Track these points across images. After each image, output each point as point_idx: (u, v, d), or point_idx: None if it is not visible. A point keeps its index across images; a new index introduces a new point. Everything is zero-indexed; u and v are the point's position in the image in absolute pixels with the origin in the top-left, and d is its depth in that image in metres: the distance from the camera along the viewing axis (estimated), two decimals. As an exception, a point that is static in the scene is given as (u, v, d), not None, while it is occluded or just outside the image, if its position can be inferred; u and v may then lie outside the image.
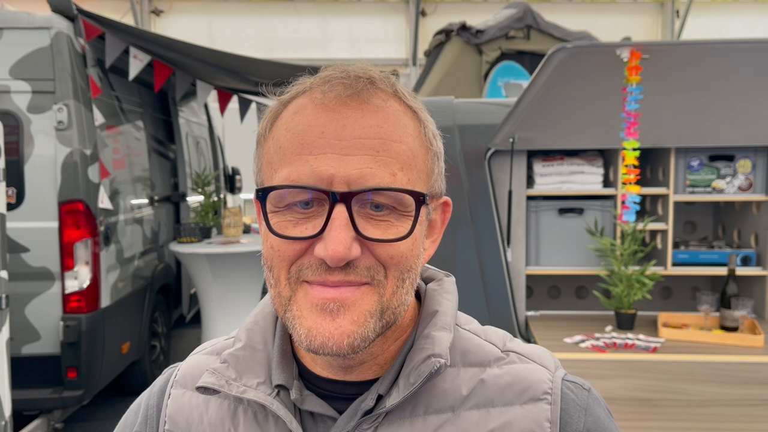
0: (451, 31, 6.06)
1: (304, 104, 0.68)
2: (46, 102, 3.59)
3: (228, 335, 0.85)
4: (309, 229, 0.65)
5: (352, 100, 0.66)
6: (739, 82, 2.31)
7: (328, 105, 0.66)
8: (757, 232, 2.93)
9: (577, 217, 2.98)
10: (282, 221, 0.66)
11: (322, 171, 0.64)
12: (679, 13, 12.08)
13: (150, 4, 11.92)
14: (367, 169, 0.64)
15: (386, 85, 0.69)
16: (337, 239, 0.62)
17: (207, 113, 7.14)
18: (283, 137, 0.67)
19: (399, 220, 0.66)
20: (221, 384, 0.72)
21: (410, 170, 0.67)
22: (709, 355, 2.41)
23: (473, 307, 2.74)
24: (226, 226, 5.42)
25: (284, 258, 0.66)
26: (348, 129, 0.65)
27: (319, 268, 0.65)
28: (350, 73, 0.68)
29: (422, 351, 0.70)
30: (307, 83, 0.70)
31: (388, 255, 0.65)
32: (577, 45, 1.99)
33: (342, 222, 0.63)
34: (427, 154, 0.70)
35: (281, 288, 0.67)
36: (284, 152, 0.66)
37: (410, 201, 0.66)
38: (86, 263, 3.66)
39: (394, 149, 0.65)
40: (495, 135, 2.72)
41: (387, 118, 0.66)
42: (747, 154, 2.87)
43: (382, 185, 0.64)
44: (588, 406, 0.73)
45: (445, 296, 0.77)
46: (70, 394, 3.64)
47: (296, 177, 0.64)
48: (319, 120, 0.65)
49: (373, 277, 0.65)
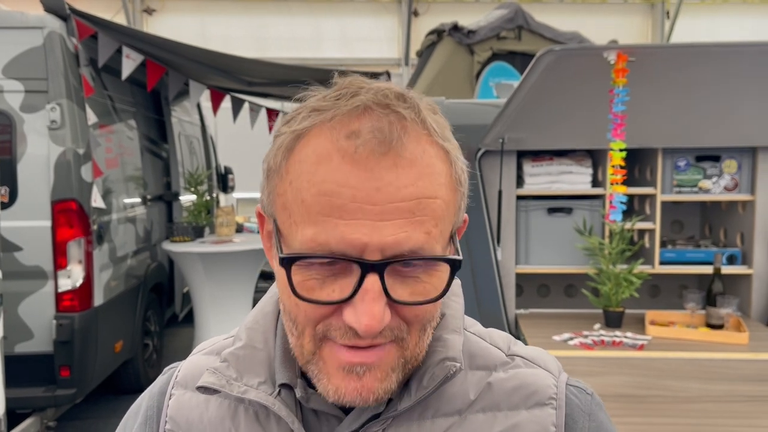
0: (443, 31, 6.09)
1: (327, 152, 0.61)
2: (39, 101, 3.60)
3: (227, 334, 0.84)
4: (336, 292, 0.61)
5: (385, 157, 0.59)
6: (724, 84, 2.35)
7: (358, 162, 0.59)
8: (743, 231, 2.98)
9: (566, 217, 3.02)
10: (306, 280, 0.62)
11: (355, 239, 0.59)
12: (669, 14, 12.17)
13: (142, 3, 11.90)
14: (402, 234, 0.59)
15: (417, 124, 0.62)
16: (371, 313, 0.59)
17: (200, 113, 7.14)
18: (306, 191, 0.61)
19: (427, 274, 0.63)
20: (222, 384, 0.71)
21: (443, 222, 0.63)
22: (695, 352, 2.45)
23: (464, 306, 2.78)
24: (219, 225, 5.44)
25: (311, 319, 0.63)
26: (382, 192, 0.59)
27: (347, 333, 0.62)
28: (379, 111, 0.61)
29: (435, 354, 0.69)
30: (326, 111, 0.63)
31: (413, 314, 0.63)
32: (564, 48, 2.03)
33: (375, 293, 0.59)
34: (456, 195, 0.66)
35: (304, 342, 0.65)
36: (308, 210, 0.60)
37: (444, 263, 0.63)
38: (79, 262, 3.67)
39: (430, 207, 0.61)
40: (485, 135, 2.76)
41: (422, 174, 0.61)
42: (732, 154, 2.92)
43: (417, 247, 0.60)
44: (591, 411, 0.74)
45: (453, 299, 0.76)
46: (63, 392, 3.65)
47: (324, 241, 0.59)
48: (350, 180, 0.59)
49: (396, 336, 0.64)
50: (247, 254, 5.02)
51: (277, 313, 0.78)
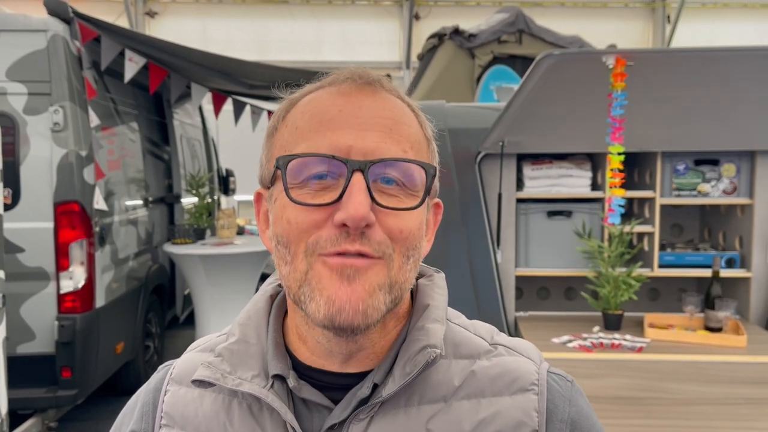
0: (444, 35, 6.12)
1: (319, 94, 0.73)
2: (42, 104, 3.62)
3: (220, 332, 0.86)
4: (327, 198, 0.67)
5: (365, 87, 0.72)
6: (723, 88, 2.37)
7: (343, 91, 0.72)
8: (742, 234, 2.99)
9: (566, 220, 3.03)
10: (300, 194, 0.69)
11: (341, 143, 0.68)
12: (669, 18, 12.19)
13: (144, 6, 11.94)
14: (383, 144, 0.68)
15: (391, 87, 0.75)
16: (357, 200, 0.65)
17: (201, 115, 7.16)
18: (300, 119, 0.72)
19: (407, 197, 0.69)
20: (216, 377, 0.73)
21: (418, 152, 0.72)
22: (693, 354, 2.47)
23: (463, 308, 2.78)
24: (220, 227, 5.45)
25: (302, 229, 0.68)
26: (363, 109, 0.70)
27: (338, 238, 0.67)
28: (361, 71, 0.74)
29: (417, 342, 0.72)
30: (319, 83, 0.75)
31: (398, 228, 0.68)
32: (563, 52, 2.05)
33: (361, 187, 0.66)
34: (428, 146, 0.75)
35: (298, 263, 0.69)
36: (301, 131, 0.71)
37: (420, 176, 0.70)
38: (81, 263, 3.69)
39: (405, 130, 0.71)
40: (485, 139, 2.77)
41: (396, 106, 0.73)
42: (731, 158, 2.94)
43: (399, 158, 0.69)
44: (572, 397, 0.76)
45: (436, 291, 0.79)
46: (65, 393, 3.66)
47: (315, 149, 0.68)
48: (336, 102, 0.71)
49: (383, 252, 0.68)
50: (248, 256, 5.04)
51: (269, 309, 0.81)
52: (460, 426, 0.72)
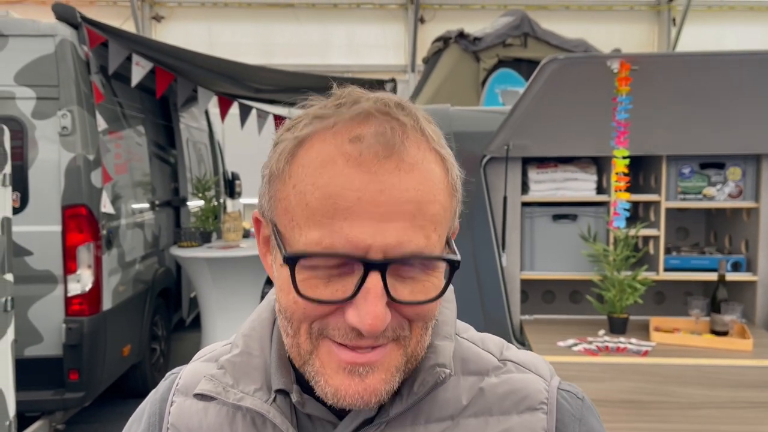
0: (449, 38, 6.13)
1: (331, 157, 0.62)
2: (51, 108, 3.64)
3: (226, 341, 0.85)
4: (340, 291, 0.62)
5: (388, 161, 0.61)
6: (728, 92, 2.37)
7: (363, 165, 0.61)
8: (748, 238, 2.99)
9: (571, 223, 3.04)
10: (309, 278, 0.63)
11: (359, 240, 0.60)
12: (675, 21, 12.16)
13: (151, 11, 11.99)
14: (404, 236, 0.61)
15: (417, 132, 0.65)
16: (374, 313, 0.60)
17: (207, 119, 7.19)
18: (310, 194, 0.62)
19: (425, 275, 0.65)
20: (218, 391, 0.72)
21: (441, 227, 0.66)
22: (699, 358, 2.47)
23: (469, 312, 2.80)
24: (226, 230, 5.47)
25: (308, 316, 0.64)
26: (385, 195, 0.61)
27: (348, 334, 0.63)
28: (380, 118, 0.63)
29: (426, 360, 0.70)
30: (328, 118, 0.64)
31: (414, 312, 0.65)
32: (568, 56, 2.06)
33: (378, 292, 0.61)
34: (452, 200, 0.69)
35: (300, 341, 0.66)
36: (313, 213, 0.62)
37: (443, 265, 0.66)
38: (88, 267, 3.71)
39: (430, 211, 0.63)
40: (490, 142, 2.78)
41: (423, 178, 0.63)
42: (737, 161, 2.93)
43: (418, 251, 0.62)
44: (582, 416, 0.75)
45: (445, 305, 0.77)
46: (72, 395, 3.68)
47: (329, 244, 0.61)
48: (354, 183, 0.61)
49: (398, 335, 0.65)
50: (254, 259, 5.05)
51: (273, 319, 0.79)
52: None
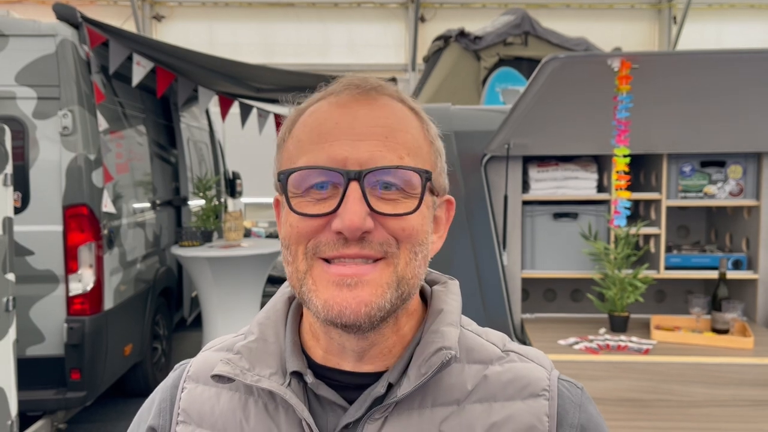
0: (450, 37, 6.13)
1: (320, 105, 0.76)
2: (51, 108, 3.65)
3: (237, 333, 0.88)
4: (326, 207, 0.70)
5: (362, 96, 0.74)
6: (728, 91, 2.37)
7: (341, 104, 0.74)
8: (748, 236, 2.99)
9: (572, 222, 3.04)
10: (301, 203, 0.72)
11: (337, 154, 0.70)
12: (676, 19, 12.16)
13: (152, 10, 12.00)
14: (377, 152, 0.70)
15: (392, 91, 0.77)
16: (352, 210, 0.68)
17: (208, 118, 7.20)
18: (302, 132, 0.75)
19: (407, 199, 0.71)
20: (236, 373, 0.75)
21: (416, 157, 0.73)
22: (700, 356, 2.47)
23: (470, 310, 2.79)
24: (227, 229, 5.48)
25: (302, 234, 0.72)
26: (359, 120, 0.72)
27: (336, 243, 0.70)
28: (362, 80, 0.76)
29: (432, 344, 0.74)
30: (322, 92, 0.78)
31: (400, 227, 0.71)
32: (569, 55, 2.06)
33: (357, 196, 0.68)
34: (430, 148, 0.77)
35: (298, 263, 0.73)
36: (302, 144, 0.74)
37: (417, 180, 0.72)
38: (90, 266, 3.71)
39: (401, 137, 0.73)
40: (491, 141, 2.78)
41: (393, 112, 0.74)
42: (738, 160, 2.93)
43: (392, 165, 0.70)
44: (582, 403, 0.78)
45: (450, 296, 0.82)
46: (74, 395, 3.69)
47: (313, 161, 0.71)
48: (333, 115, 0.73)
49: (386, 251, 0.70)
50: (254, 259, 5.06)
51: (287, 310, 0.84)
52: (473, 429, 0.74)
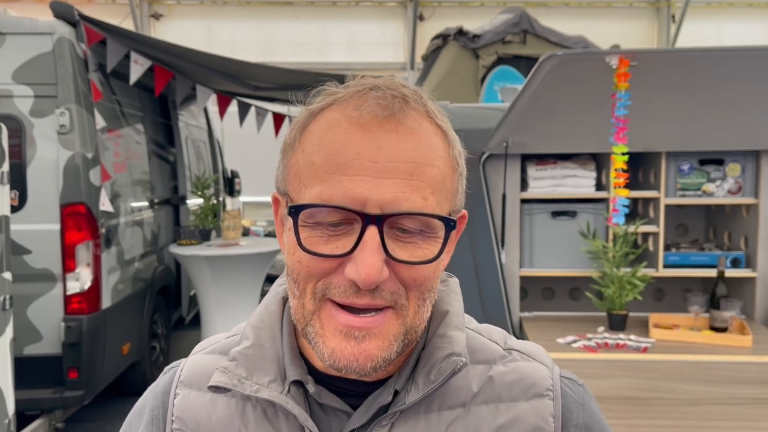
0: (448, 35, 6.12)
1: (337, 120, 0.67)
2: (49, 106, 3.64)
3: (228, 333, 0.85)
4: (339, 248, 0.65)
5: (388, 121, 0.65)
6: (727, 88, 2.36)
7: (364, 125, 0.65)
8: (747, 234, 2.99)
9: (570, 220, 3.03)
10: (312, 237, 0.66)
11: (357, 193, 0.63)
12: (674, 17, 12.16)
13: (150, 8, 11.99)
14: (401, 194, 0.64)
15: (419, 105, 0.69)
16: (369, 263, 0.62)
17: (206, 117, 7.19)
18: (316, 153, 0.66)
19: (425, 242, 0.66)
20: (234, 383, 0.72)
21: (440, 193, 0.67)
22: (698, 354, 2.47)
23: (468, 308, 2.78)
24: (226, 228, 5.47)
25: (312, 274, 0.66)
26: (383, 152, 0.64)
27: (347, 291, 0.65)
28: (385, 90, 0.67)
29: (440, 350, 0.72)
30: (339, 94, 0.70)
31: (411, 278, 0.66)
32: (567, 53, 2.05)
33: (374, 245, 0.63)
34: (454, 174, 0.70)
35: (305, 301, 0.68)
36: (316, 169, 0.66)
37: (439, 225, 0.67)
38: (87, 265, 3.70)
39: (427, 173, 0.66)
40: (489, 139, 2.78)
41: (421, 141, 0.66)
42: (736, 158, 2.93)
43: (414, 210, 0.64)
44: (584, 402, 0.78)
45: (453, 296, 0.79)
46: (72, 394, 3.68)
47: (329, 196, 0.64)
48: (354, 140, 0.65)
49: (396, 301, 0.66)
50: (253, 257, 5.06)
51: (282, 312, 0.80)
52: (479, 431, 0.72)
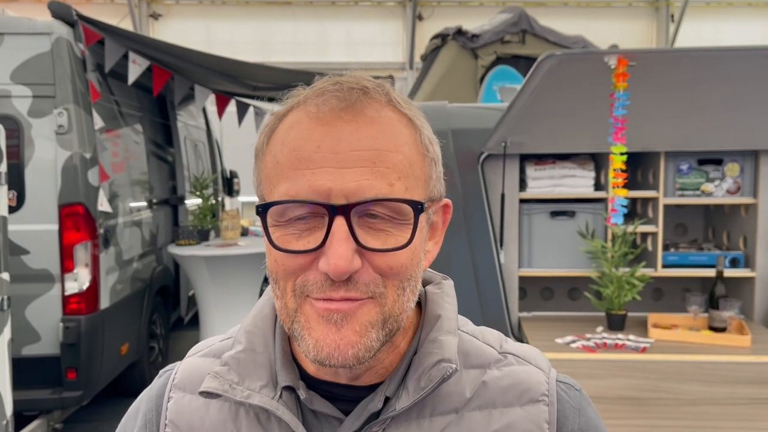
0: (447, 35, 6.12)
1: (299, 118, 0.68)
2: (47, 106, 3.63)
3: (223, 336, 0.85)
4: (311, 242, 0.65)
5: (346, 112, 0.66)
6: (726, 88, 2.36)
7: (322, 119, 0.66)
8: (746, 234, 2.98)
9: (569, 220, 3.03)
10: (284, 235, 0.67)
11: (320, 185, 0.64)
12: (673, 17, 12.17)
13: (148, 8, 11.98)
14: (365, 181, 0.64)
15: (380, 95, 0.68)
16: (338, 253, 0.63)
17: (205, 117, 7.18)
18: (280, 152, 0.67)
19: (397, 229, 0.66)
20: (225, 389, 0.72)
21: (408, 179, 0.67)
22: (697, 354, 2.46)
23: (467, 309, 2.79)
24: (224, 228, 5.46)
25: (289, 272, 0.67)
26: (343, 142, 0.64)
27: (323, 285, 0.65)
28: (343, 84, 0.67)
29: (431, 355, 0.71)
30: (301, 96, 0.70)
31: (387, 266, 0.66)
32: (565, 53, 2.05)
33: (342, 235, 0.63)
34: (423, 160, 0.69)
35: (287, 300, 0.68)
36: (281, 168, 0.67)
37: (408, 210, 0.66)
38: (86, 265, 3.70)
39: (391, 159, 0.65)
40: (488, 139, 2.77)
41: (382, 129, 0.66)
42: (735, 158, 2.93)
43: (380, 196, 0.64)
44: (581, 407, 0.76)
45: (446, 299, 0.78)
46: (70, 394, 3.68)
47: (294, 192, 0.65)
48: (314, 134, 0.66)
49: (373, 291, 0.66)
50: (251, 257, 5.05)
51: (275, 315, 0.79)
52: None
